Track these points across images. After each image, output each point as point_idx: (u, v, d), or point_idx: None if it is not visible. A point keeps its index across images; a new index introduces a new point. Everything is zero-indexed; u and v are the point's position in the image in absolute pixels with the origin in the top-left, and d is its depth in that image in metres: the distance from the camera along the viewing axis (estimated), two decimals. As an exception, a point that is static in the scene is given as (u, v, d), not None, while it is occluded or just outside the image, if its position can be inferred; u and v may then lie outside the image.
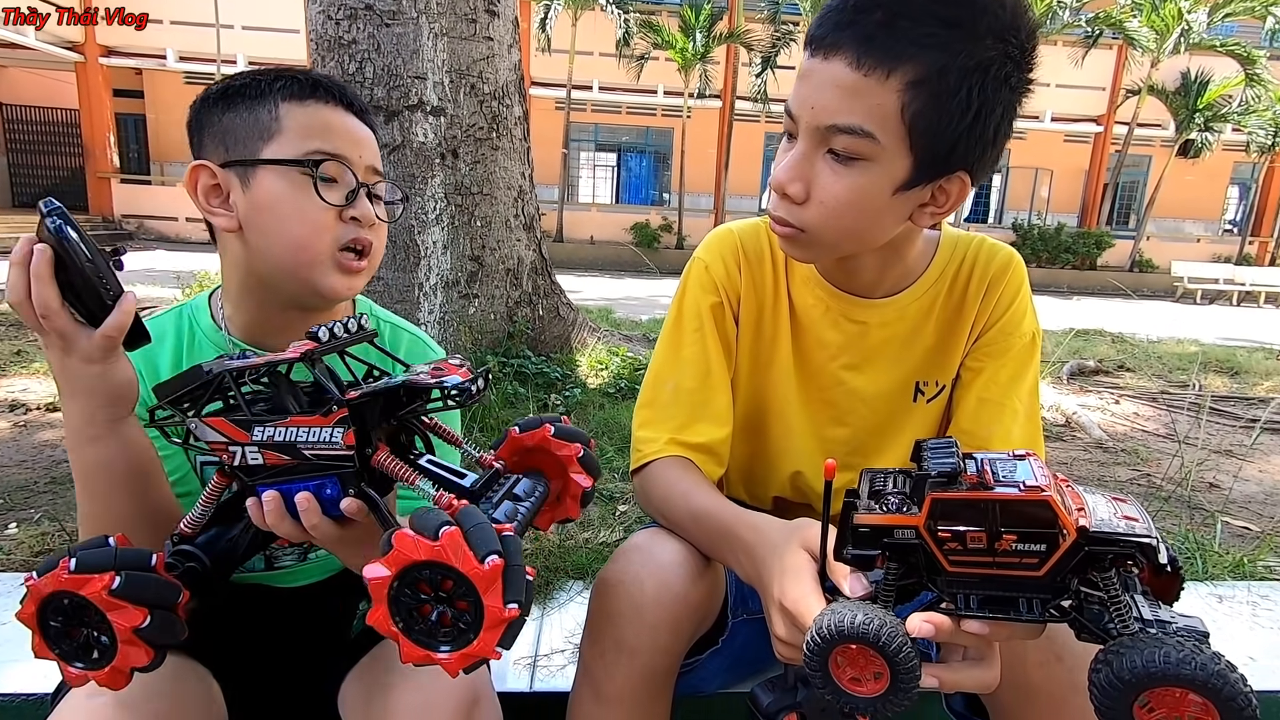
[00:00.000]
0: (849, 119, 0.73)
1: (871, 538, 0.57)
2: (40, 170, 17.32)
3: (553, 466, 0.74)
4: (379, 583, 0.51)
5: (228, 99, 0.81)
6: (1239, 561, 1.86)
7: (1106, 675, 0.48)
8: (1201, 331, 8.35)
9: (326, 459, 0.61)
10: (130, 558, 0.61)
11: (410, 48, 3.01)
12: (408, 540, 0.50)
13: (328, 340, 0.64)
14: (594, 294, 8.95)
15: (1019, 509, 0.50)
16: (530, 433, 0.73)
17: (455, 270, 3.25)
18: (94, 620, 0.59)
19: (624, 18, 14.17)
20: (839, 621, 0.54)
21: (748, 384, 1.02)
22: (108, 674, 0.60)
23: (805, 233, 0.82)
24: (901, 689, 0.54)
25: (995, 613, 0.54)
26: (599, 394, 3.21)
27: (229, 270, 0.86)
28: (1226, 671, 0.45)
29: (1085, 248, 16.92)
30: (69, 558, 0.59)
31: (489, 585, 0.50)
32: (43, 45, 13.57)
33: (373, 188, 0.84)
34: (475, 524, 0.51)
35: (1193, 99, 15.73)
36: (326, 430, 0.60)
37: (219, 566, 0.68)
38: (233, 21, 14.12)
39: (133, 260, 7.75)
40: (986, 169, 0.80)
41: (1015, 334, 0.95)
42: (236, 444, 0.62)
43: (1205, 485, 2.68)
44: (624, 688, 0.82)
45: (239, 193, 0.80)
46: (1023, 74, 0.75)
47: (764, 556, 0.72)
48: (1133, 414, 3.83)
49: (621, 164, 19.03)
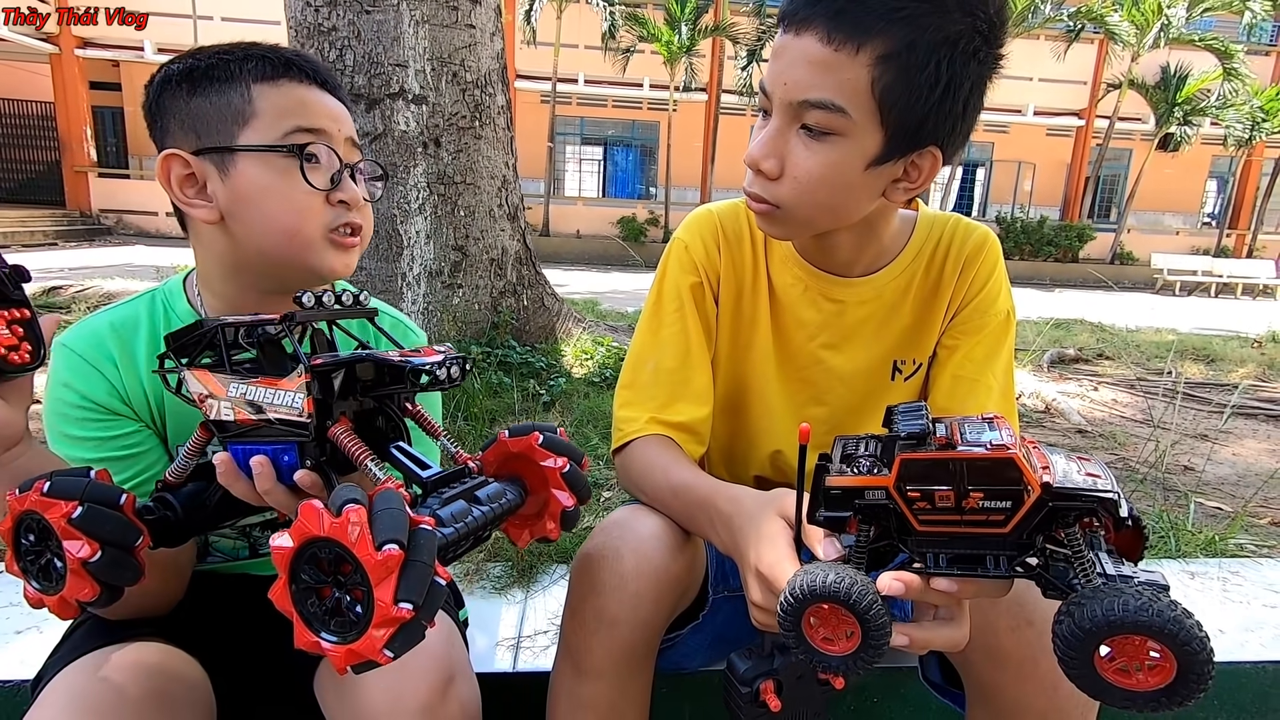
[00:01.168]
0: (820, 94, 0.74)
1: (843, 500, 0.57)
2: (15, 164, 17.02)
3: (537, 479, 0.70)
4: (281, 554, 0.48)
5: (193, 82, 0.77)
6: (1210, 540, 1.90)
7: (1068, 625, 0.50)
8: (1180, 321, 8.48)
9: (287, 424, 0.60)
10: (99, 491, 0.61)
11: (391, 35, 2.99)
12: (313, 513, 0.48)
13: (312, 306, 0.62)
14: (580, 287, 8.94)
15: (985, 467, 0.51)
16: (518, 439, 0.69)
17: (439, 260, 3.24)
18: (55, 546, 0.59)
19: (609, 10, 14.11)
20: (811, 581, 0.56)
21: (728, 364, 1.03)
22: (57, 602, 0.60)
23: (780, 208, 0.82)
24: (872, 646, 0.55)
25: (964, 570, 0.56)
26: (584, 383, 3.21)
27: (208, 261, 0.84)
28: (1182, 618, 0.46)
29: (1067, 240, 17.11)
30: (44, 480, 0.60)
31: (381, 576, 0.46)
32: (16, 36, 13.31)
33: (355, 166, 0.82)
34: (385, 507, 0.48)
35: (1172, 93, 15.94)
36: (289, 394, 0.59)
37: (190, 519, 0.68)
38: (211, 13, 13.92)
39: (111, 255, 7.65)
40: (958, 144, 0.81)
41: (990, 311, 0.96)
42: (214, 398, 0.63)
43: (1180, 468, 2.73)
44: (604, 661, 0.82)
45: (217, 182, 0.77)
46: (991, 49, 0.76)
47: (741, 525, 0.73)
48: (1111, 400, 3.89)
49: (608, 158, 19.00)
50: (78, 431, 0.79)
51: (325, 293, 0.63)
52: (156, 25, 14.30)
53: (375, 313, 0.70)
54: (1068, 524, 0.52)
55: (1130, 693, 0.49)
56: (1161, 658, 0.48)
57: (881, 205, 0.86)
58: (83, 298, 4.57)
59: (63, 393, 0.79)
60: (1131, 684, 0.49)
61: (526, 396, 2.93)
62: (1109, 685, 0.49)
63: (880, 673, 1.23)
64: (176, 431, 0.85)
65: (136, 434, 0.82)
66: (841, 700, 1.23)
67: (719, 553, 1.01)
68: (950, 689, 0.94)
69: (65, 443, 0.79)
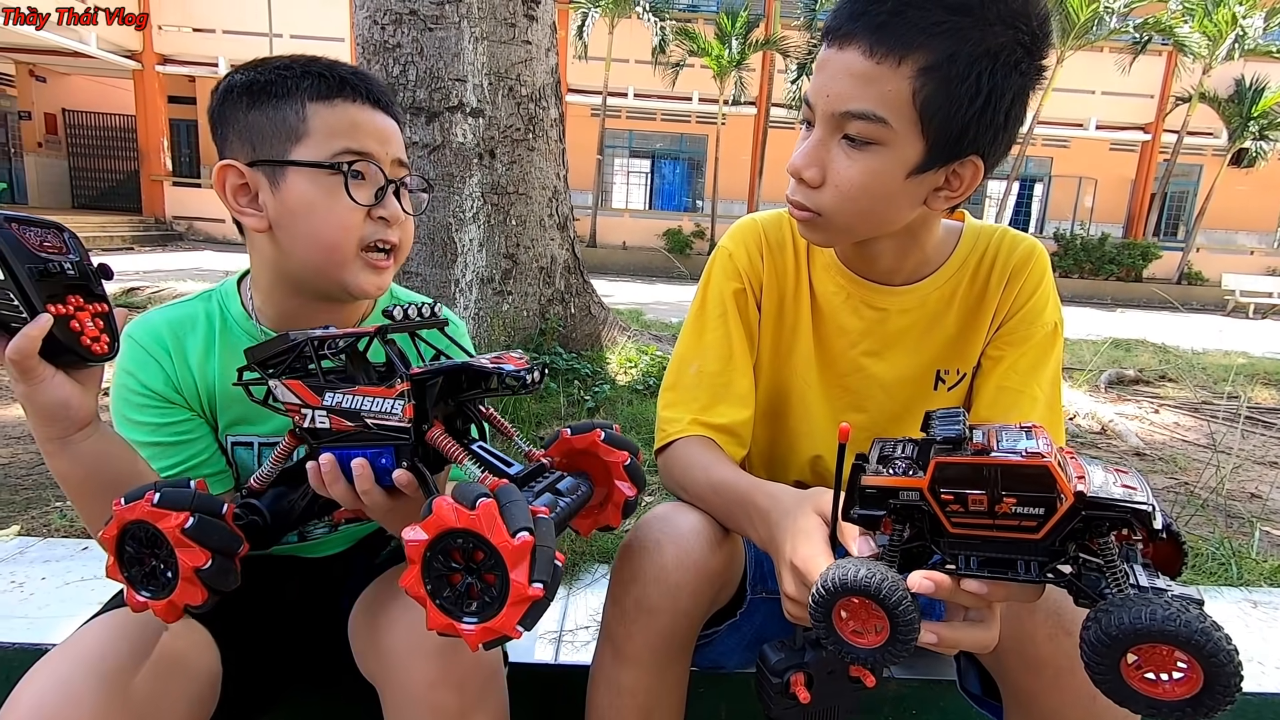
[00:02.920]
0: (862, 105, 0.77)
1: (878, 499, 0.59)
2: (99, 173, 18.11)
3: (599, 472, 0.75)
4: (415, 545, 0.53)
5: (253, 95, 0.81)
6: (1276, 569, 1.82)
7: (1095, 632, 0.50)
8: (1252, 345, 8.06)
9: (386, 429, 0.64)
10: (205, 502, 0.65)
11: (452, 51, 3.11)
12: (446, 508, 0.52)
13: (401, 319, 0.67)
14: (625, 298, 9.01)
15: (1019, 473, 0.52)
16: (581, 435, 0.75)
17: (490, 267, 3.33)
18: (163, 554, 0.63)
19: (660, 25, 14.25)
20: (843, 575, 0.57)
21: (769, 369, 1.05)
22: (164, 606, 0.64)
23: (821, 216, 0.85)
24: (900, 641, 0.56)
25: (994, 574, 0.56)
26: (628, 390, 3.25)
27: (259, 265, 0.89)
28: (1211, 630, 0.47)
29: (1130, 259, 16.44)
30: (154, 491, 0.63)
31: (517, 561, 0.51)
32: (102, 54, 14.19)
33: (400, 182, 0.85)
34: (511, 500, 0.53)
35: (1247, 106, 15.20)
36: (389, 401, 0.63)
37: (276, 523, 0.73)
38: (282, 31, 14.61)
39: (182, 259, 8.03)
40: (1000, 153, 0.82)
41: (1037, 323, 0.96)
42: (308, 406, 0.67)
43: (1246, 495, 2.61)
44: (643, 648, 0.85)
45: (268, 193, 0.81)
46: (1034, 60, 0.77)
47: (778, 520, 0.75)
48: (1173, 424, 3.74)
49: (655, 170, 19.11)
50: (136, 416, 0.85)
51: (409, 306, 0.69)
52: (230, 41, 15.10)
53: (446, 322, 0.75)
54: (1101, 534, 0.53)
55: (1156, 701, 0.49)
56: (1189, 668, 0.48)
57: (923, 213, 0.87)
58: (157, 299, 4.83)
59: (126, 379, 0.85)
60: (1158, 693, 0.49)
61: (572, 402, 2.99)
62: (1135, 692, 0.50)
63: (919, 684, 1.22)
64: (228, 423, 0.90)
65: (188, 422, 0.87)
66: (879, 711, 1.23)
67: (758, 554, 1.03)
68: (989, 700, 0.93)
69: (125, 425, 0.86)
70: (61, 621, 1.25)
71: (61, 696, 0.67)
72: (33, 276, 0.63)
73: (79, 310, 0.67)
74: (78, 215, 14.89)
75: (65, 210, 16.40)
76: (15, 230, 0.64)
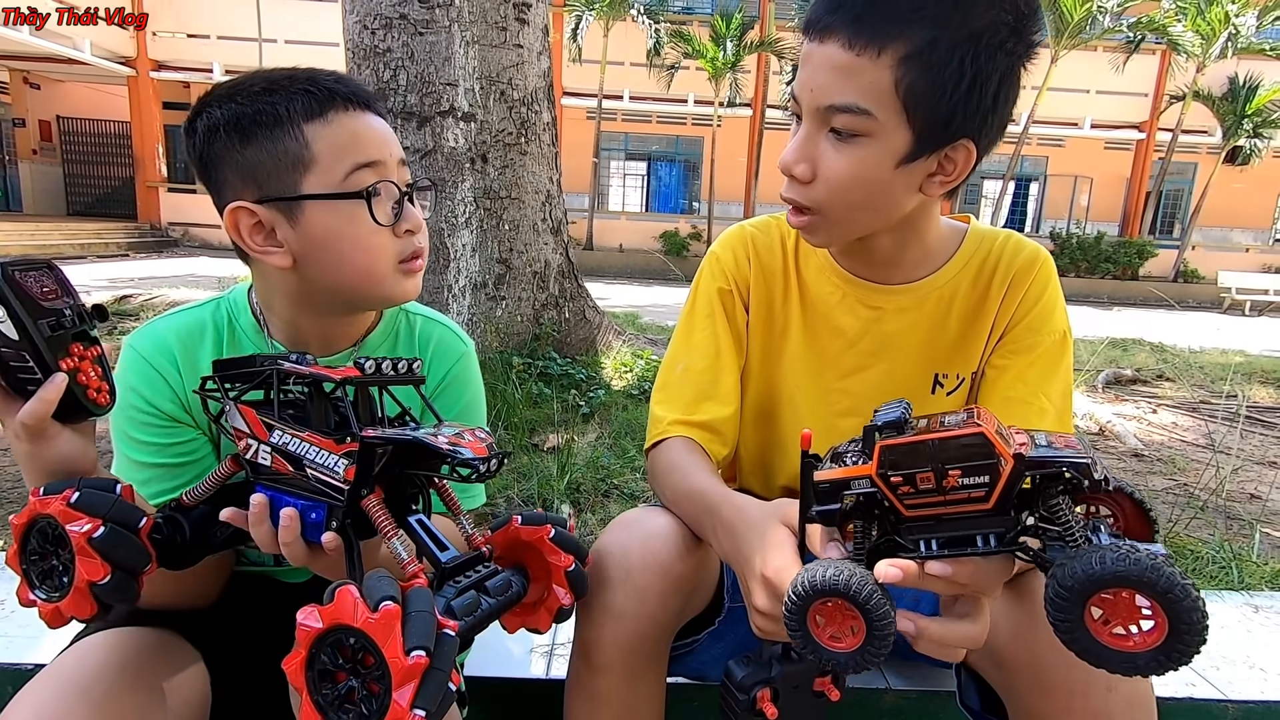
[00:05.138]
0: (845, 98, 0.76)
1: (832, 493, 0.59)
2: (94, 180, 18.08)
3: (540, 569, 0.73)
4: (306, 632, 0.50)
5: (242, 130, 0.76)
6: (1277, 572, 1.80)
7: (1053, 587, 0.50)
8: (1249, 342, 8.06)
9: (324, 484, 0.61)
10: (123, 512, 0.61)
11: (442, 55, 3.09)
12: (348, 601, 0.49)
13: (372, 372, 0.63)
14: (622, 301, 9.00)
15: (958, 444, 0.53)
16: (530, 528, 0.72)
17: (483, 272, 3.31)
18: (65, 557, 0.60)
19: (655, 28, 14.28)
20: (811, 577, 0.57)
21: (759, 373, 1.04)
22: (51, 610, 0.61)
23: (819, 214, 0.84)
24: (876, 636, 0.56)
25: (955, 552, 0.56)
26: (623, 395, 3.23)
27: (269, 290, 0.86)
28: (1163, 565, 0.46)
29: (1126, 257, 16.47)
30: (74, 489, 0.60)
31: (404, 681, 0.47)
32: (97, 60, 14.17)
33: (411, 187, 0.84)
34: (418, 610, 0.49)
35: (1241, 104, 15.25)
36: (333, 458, 0.60)
37: (196, 544, 0.69)
38: (275, 36, 14.61)
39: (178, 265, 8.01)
40: (992, 136, 0.80)
41: (1043, 331, 0.93)
42: (255, 438, 0.64)
43: (1246, 496, 2.59)
44: (614, 655, 0.83)
45: (287, 229, 0.78)
46: (1021, 39, 0.75)
47: (743, 533, 0.74)
48: (1171, 424, 3.72)
49: (651, 173, 19.13)
50: (140, 435, 0.82)
51: (385, 361, 0.65)
52: (225, 47, 15.10)
53: (423, 380, 0.71)
54: (1052, 498, 0.54)
55: (1130, 655, 0.48)
56: (1154, 614, 0.47)
57: (921, 203, 0.86)
58: (150, 305, 4.81)
59: (131, 396, 0.82)
60: (1130, 645, 0.49)
61: (566, 408, 2.97)
62: (1106, 649, 0.49)
63: (917, 696, 1.20)
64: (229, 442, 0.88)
65: (194, 442, 0.85)
66: (877, 724, 1.21)
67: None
68: (988, 716, 0.91)
69: (128, 443, 0.83)
70: (41, 641, 1.22)
71: None
72: (44, 334, 0.61)
73: (81, 360, 0.64)
74: (73, 222, 14.90)
75: (60, 217, 16.38)
76: (19, 279, 0.60)
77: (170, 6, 14.84)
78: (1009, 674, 0.81)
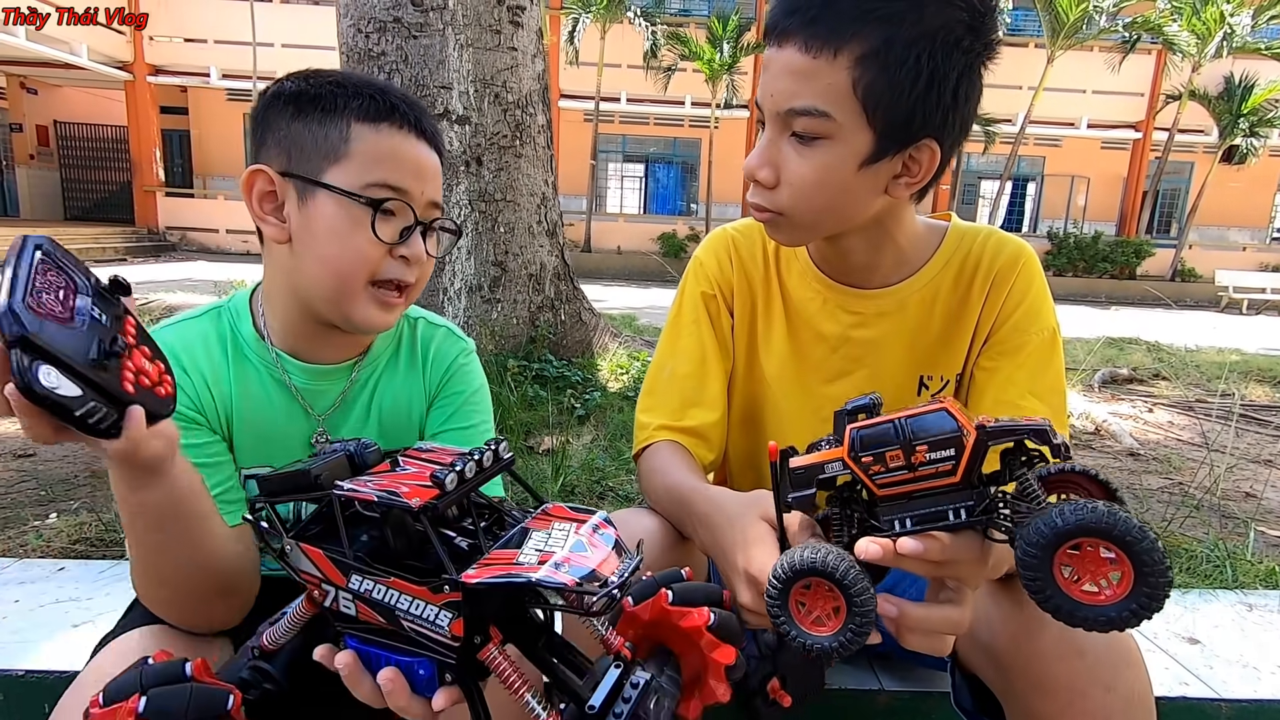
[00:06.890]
0: (804, 101, 0.76)
1: (806, 479, 0.61)
2: (91, 184, 18.07)
3: (679, 639, 0.60)
4: None
5: (299, 105, 0.79)
6: (1271, 570, 1.80)
7: (1021, 547, 0.51)
8: (1246, 341, 8.08)
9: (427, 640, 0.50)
10: (205, 702, 0.52)
11: (437, 58, 3.10)
12: None
13: (454, 487, 0.51)
14: (619, 302, 9.00)
15: (924, 420, 0.56)
16: (645, 604, 0.60)
17: (479, 275, 3.31)
18: None
19: (651, 30, 14.30)
20: (790, 560, 0.58)
21: (744, 376, 1.04)
22: None
23: (783, 215, 0.84)
24: (857, 615, 0.56)
25: (926, 527, 0.57)
26: (619, 397, 3.23)
27: (273, 275, 0.85)
28: (1119, 512, 0.48)
29: (1124, 256, 16.49)
30: (140, 694, 0.51)
31: None
32: (94, 64, 14.17)
33: (430, 224, 0.83)
34: None
35: (1237, 104, 15.29)
36: (432, 609, 0.49)
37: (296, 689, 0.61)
38: (272, 40, 14.60)
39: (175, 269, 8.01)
40: (956, 134, 0.80)
41: (1030, 331, 0.91)
42: (330, 583, 0.52)
43: (1241, 495, 2.60)
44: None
45: (294, 205, 0.79)
46: (979, 36, 0.76)
47: (720, 525, 0.75)
48: (1167, 423, 3.73)
49: (649, 174, 19.15)
50: None
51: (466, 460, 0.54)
52: (221, 51, 15.09)
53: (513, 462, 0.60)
54: (1015, 468, 0.56)
55: (1102, 609, 0.50)
56: (1118, 562, 0.49)
57: (890, 204, 0.86)
58: (146, 310, 4.80)
59: None
60: (1102, 600, 0.50)
61: (562, 410, 2.97)
62: (1082, 606, 0.51)
63: (910, 696, 1.20)
64: (245, 449, 0.85)
65: (214, 444, 0.83)
66: (871, 725, 1.21)
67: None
68: (982, 718, 0.91)
69: None
70: (35, 646, 1.22)
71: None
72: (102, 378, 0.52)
73: (130, 355, 0.56)
74: (70, 227, 14.88)
75: (58, 222, 16.39)
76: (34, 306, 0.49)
77: (167, 11, 14.83)
78: (1008, 676, 0.81)
